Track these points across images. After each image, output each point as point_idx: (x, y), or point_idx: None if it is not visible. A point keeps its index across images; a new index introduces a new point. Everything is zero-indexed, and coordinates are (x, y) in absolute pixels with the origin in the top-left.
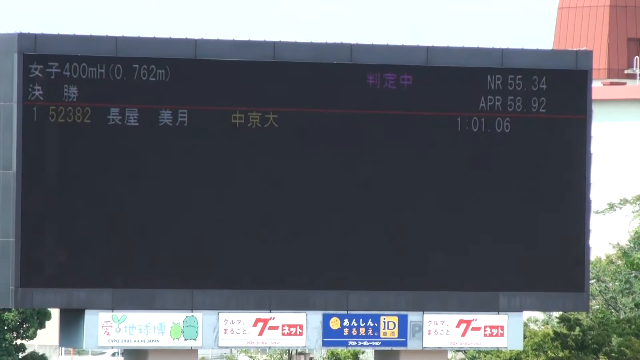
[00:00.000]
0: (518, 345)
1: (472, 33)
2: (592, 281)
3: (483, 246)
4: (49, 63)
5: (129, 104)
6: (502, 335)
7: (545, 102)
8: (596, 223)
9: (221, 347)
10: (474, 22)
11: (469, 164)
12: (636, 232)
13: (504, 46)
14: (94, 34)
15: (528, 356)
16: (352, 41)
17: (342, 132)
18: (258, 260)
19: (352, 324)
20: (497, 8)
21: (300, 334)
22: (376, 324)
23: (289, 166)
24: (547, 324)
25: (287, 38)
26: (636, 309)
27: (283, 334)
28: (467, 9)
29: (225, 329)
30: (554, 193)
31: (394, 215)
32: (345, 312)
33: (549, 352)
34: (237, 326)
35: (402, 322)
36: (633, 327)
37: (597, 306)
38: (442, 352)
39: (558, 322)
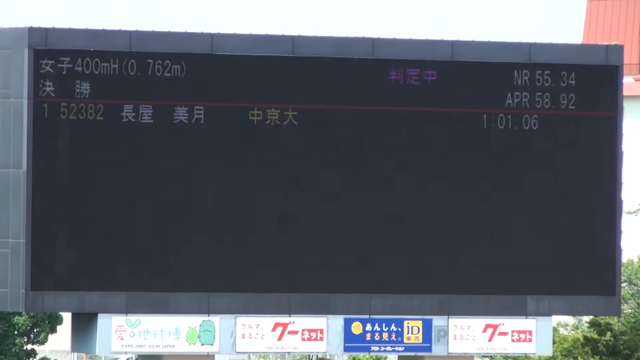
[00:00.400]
0: (547, 350)
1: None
2: (623, 284)
3: (510, 248)
4: (61, 58)
5: (143, 101)
6: (530, 340)
7: (575, 98)
8: (628, 224)
9: (239, 352)
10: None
11: (495, 163)
12: None
13: (531, 40)
14: (107, 28)
15: None
16: (374, 35)
17: (364, 129)
18: (277, 262)
19: (374, 329)
20: (525, 1)
21: (321, 338)
22: (399, 329)
23: (309, 165)
24: (577, 328)
25: (306, 32)
26: None
27: (303, 339)
28: (494, 2)
29: (243, 334)
30: (583, 193)
31: (418, 215)
32: (367, 316)
33: (579, 358)
34: (256, 331)
35: (427, 327)
36: None
37: (629, 310)
38: (468, 358)
39: (588, 327)
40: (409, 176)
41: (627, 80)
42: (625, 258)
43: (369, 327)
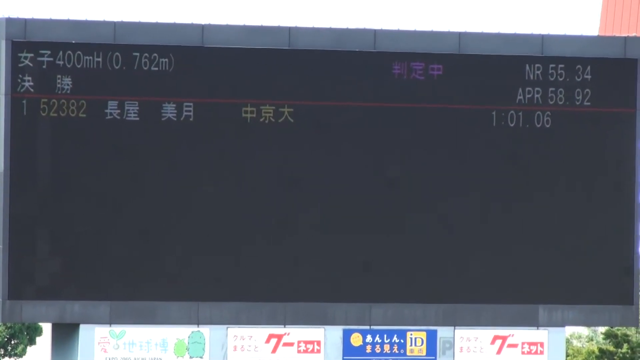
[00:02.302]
0: None
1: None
2: None
3: (520, 254)
4: (40, 51)
5: (129, 97)
6: (542, 352)
7: (590, 94)
8: None
9: None
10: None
11: (505, 163)
12: None
13: (544, 32)
14: (90, 18)
15: None
16: (376, 26)
17: (365, 127)
18: (271, 269)
19: (375, 340)
20: None
21: (318, 351)
22: (402, 340)
23: (306, 165)
24: (592, 340)
25: (303, 23)
26: None
27: (299, 351)
28: None
29: (235, 346)
30: (599, 195)
31: (423, 219)
32: (367, 327)
33: None
34: (248, 342)
35: (431, 338)
36: None
37: None
38: None
39: (604, 338)
40: (412, 178)
41: None
42: None
43: (369, 338)
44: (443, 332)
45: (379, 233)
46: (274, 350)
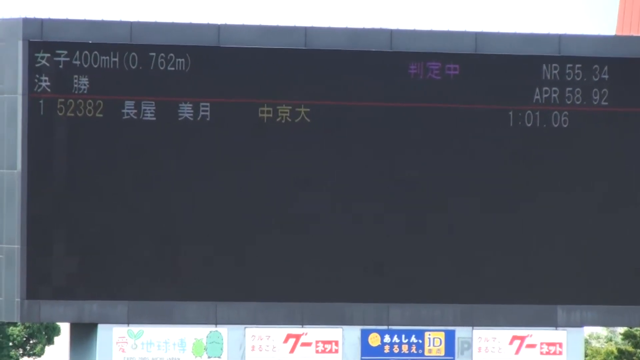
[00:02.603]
0: None
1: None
2: None
3: (539, 254)
4: (57, 51)
5: (146, 97)
6: (560, 353)
7: (608, 93)
8: None
9: None
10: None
11: (521, 163)
12: None
13: (561, 32)
14: (106, 18)
15: None
16: (393, 26)
17: (381, 127)
18: (289, 269)
19: (393, 341)
20: None
21: (336, 351)
22: (420, 341)
23: (322, 165)
24: (611, 340)
25: (320, 23)
26: None
27: (317, 351)
28: None
29: (253, 346)
30: (617, 195)
31: (440, 219)
32: (385, 327)
33: None
34: (266, 342)
35: (449, 339)
36: None
37: None
38: None
39: (623, 339)
40: (429, 178)
41: None
42: None
43: (387, 338)
44: (461, 332)
45: (397, 233)
46: (291, 351)
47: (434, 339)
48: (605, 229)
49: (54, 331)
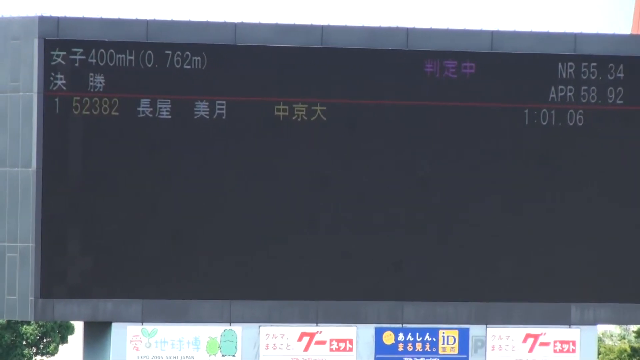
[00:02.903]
0: None
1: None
2: None
3: (553, 252)
4: (73, 49)
5: (161, 95)
6: (573, 351)
7: (623, 92)
8: None
9: None
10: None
11: (537, 161)
12: None
13: (577, 31)
14: (122, 16)
15: None
16: (409, 25)
17: (397, 125)
18: (303, 268)
19: (407, 339)
20: None
21: (350, 349)
22: (434, 339)
23: (338, 164)
24: (624, 338)
25: (336, 21)
26: None
27: (331, 350)
28: None
29: (267, 344)
30: (632, 193)
31: (454, 217)
32: (400, 325)
33: None
34: (280, 341)
35: (463, 337)
36: None
37: None
38: None
39: (636, 337)
40: (444, 176)
41: None
42: None
43: (401, 336)
44: (475, 330)
45: (412, 232)
46: (306, 349)
47: (447, 337)
48: (619, 227)
49: (67, 330)
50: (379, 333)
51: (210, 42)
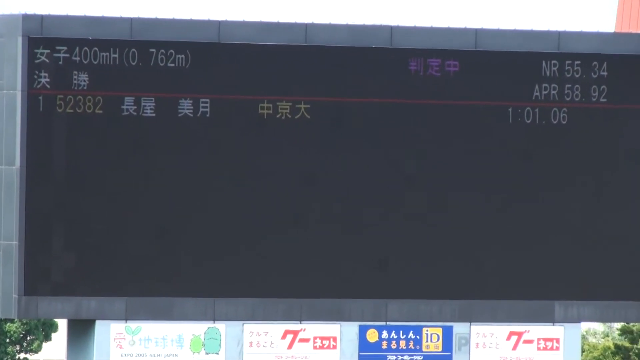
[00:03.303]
0: (575, 359)
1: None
2: None
3: (536, 250)
4: (57, 47)
5: (145, 93)
6: (557, 349)
7: (607, 90)
8: None
9: None
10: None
11: (521, 159)
12: None
13: (560, 29)
14: (106, 14)
15: None
16: (393, 23)
17: (381, 123)
18: (288, 266)
19: (391, 336)
20: None
21: (334, 347)
22: (418, 337)
23: (323, 162)
24: (608, 336)
25: (320, 19)
26: None
27: (315, 347)
28: None
29: (251, 342)
30: (615, 191)
31: (438, 215)
32: (383, 323)
33: None
34: (264, 338)
35: (447, 334)
36: None
37: None
38: None
39: (620, 335)
40: (428, 174)
41: None
42: None
43: (385, 334)
44: (459, 328)
45: (395, 229)
46: (290, 346)
47: (431, 335)
48: (603, 225)
49: (51, 327)
50: (362, 331)
51: (194, 40)
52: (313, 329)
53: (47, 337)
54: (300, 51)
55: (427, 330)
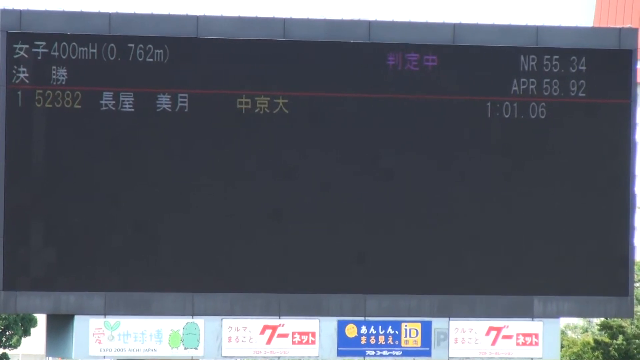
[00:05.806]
0: (555, 355)
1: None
2: (637, 284)
3: (515, 245)
4: (36, 42)
5: (124, 88)
6: (536, 344)
7: (585, 85)
8: None
9: (225, 356)
10: None
11: (500, 154)
12: None
13: (539, 23)
14: (85, 9)
15: None
16: (371, 18)
17: (360, 118)
18: (266, 261)
19: (370, 332)
20: None
21: (313, 342)
22: (397, 332)
23: (301, 157)
24: (587, 331)
25: (298, 14)
26: None
27: (294, 343)
28: None
29: (230, 337)
30: (594, 186)
31: (417, 210)
32: (362, 318)
33: None
34: (243, 334)
35: (426, 330)
36: None
37: None
38: None
39: (599, 330)
40: (407, 169)
41: None
42: (638, 256)
43: (364, 329)
44: (438, 323)
45: (374, 224)
46: (268, 342)
47: (410, 330)
48: (581, 220)
49: (30, 322)
50: (341, 326)
51: (173, 35)
52: (292, 324)
53: (26, 332)
54: (279, 46)
55: (406, 326)
